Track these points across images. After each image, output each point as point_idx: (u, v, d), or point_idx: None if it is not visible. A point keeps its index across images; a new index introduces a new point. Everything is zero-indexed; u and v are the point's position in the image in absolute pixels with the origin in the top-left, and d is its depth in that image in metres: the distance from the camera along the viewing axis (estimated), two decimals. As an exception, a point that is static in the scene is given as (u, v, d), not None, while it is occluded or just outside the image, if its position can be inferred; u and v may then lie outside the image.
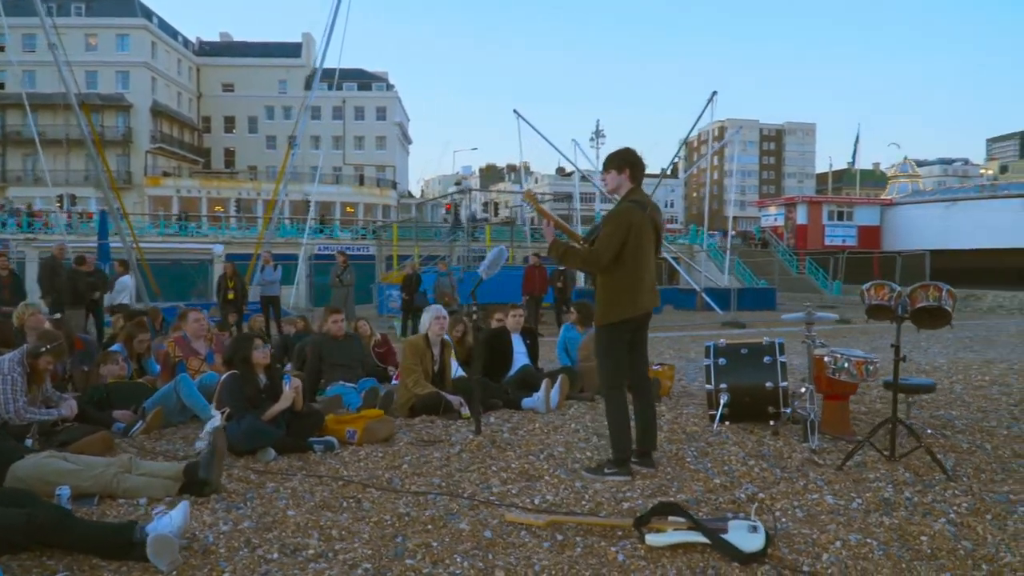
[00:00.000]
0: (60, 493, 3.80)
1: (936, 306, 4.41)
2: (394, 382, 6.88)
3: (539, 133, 27.69)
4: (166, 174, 57.05)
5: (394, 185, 66.67)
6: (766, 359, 5.46)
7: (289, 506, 3.98)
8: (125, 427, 5.43)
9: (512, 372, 7.12)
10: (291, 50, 67.84)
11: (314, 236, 37.06)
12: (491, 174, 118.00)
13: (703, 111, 26.35)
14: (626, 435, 4.45)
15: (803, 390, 5.16)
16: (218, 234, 40.73)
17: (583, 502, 4.03)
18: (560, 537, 3.57)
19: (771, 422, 5.45)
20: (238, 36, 78.22)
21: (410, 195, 78.16)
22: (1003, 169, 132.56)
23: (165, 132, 58.70)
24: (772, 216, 49.64)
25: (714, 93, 25.91)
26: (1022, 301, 30.36)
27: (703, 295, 25.28)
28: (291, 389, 5.00)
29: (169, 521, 3.30)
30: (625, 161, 4.54)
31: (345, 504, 4.04)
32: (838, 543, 3.46)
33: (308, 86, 64.16)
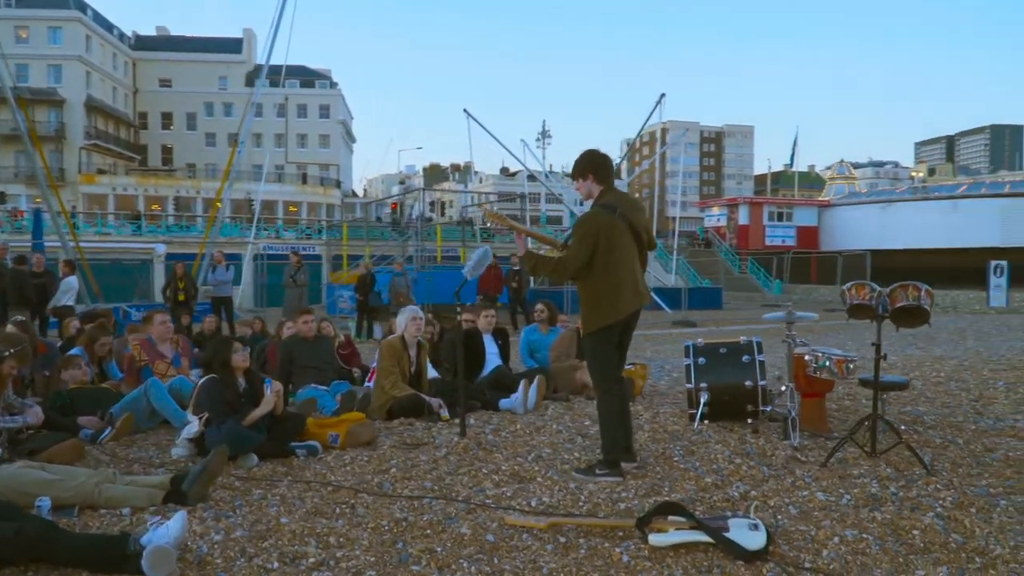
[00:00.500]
0: (40, 505, 3.63)
1: (916, 305, 4.54)
2: (367, 384, 6.77)
3: (489, 133, 27.65)
4: (101, 171, 55.26)
5: (338, 184, 65.86)
6: (744, 358, 5.53)
7: (281, 513, 3.87)
8: (93, 434, 5.22)
9: (485, 373, 7.08)
10: (231, 45, 66.42)
11: (259, 235, 36.42)
12: (435, 173, 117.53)
13: (652, 112, 26.78)
14: (618, 437, 4.45)
15: (783, 388, 5.25)
16: (157, 233, 39.64)
17: (580, 503, 4.03)
18: (563, 539, 3.55)
19: (748, 420, 5.53)
20: (176, 30, 76.35)
21: (354, 194, 77.31)
22: (931, 172, 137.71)
23: (100, 128, 56.84)
24: (715, 217, 50.60)
25: (662, 95, 26.29)
26: (954, 299, 31.53)
27: (652, 295, 25.56)
28: (272, 393, 4.87)
29: (166, 532, 3.17)
30: (589, 164, 4.49)
31: (339, 510, 3.95)
32: (836, 539, 3.53)
33: (249, 82, 63.12)
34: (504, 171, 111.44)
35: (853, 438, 4.70)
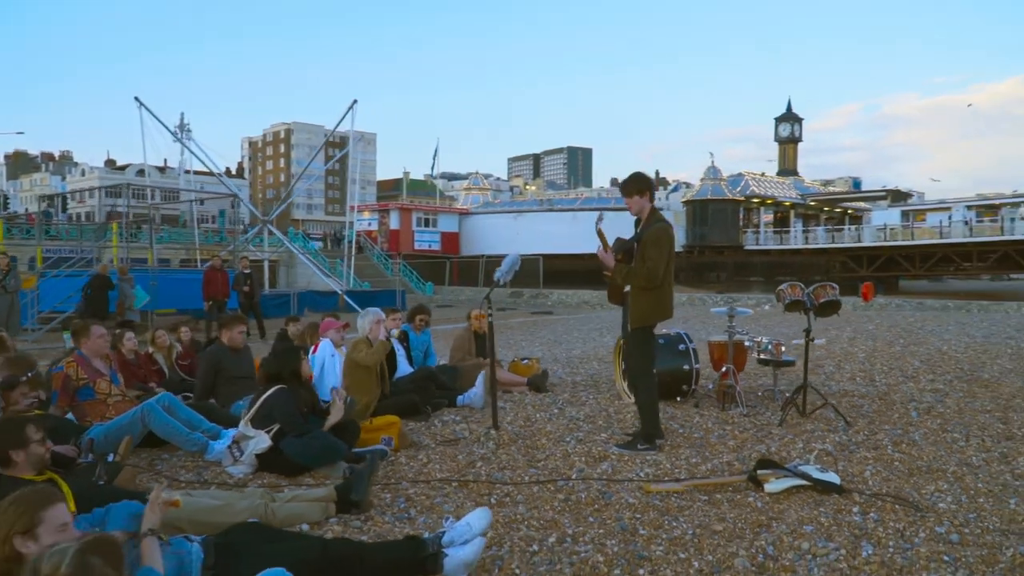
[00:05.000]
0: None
1: (834, 299, 6.07)
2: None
3: (162, 124, 25.46)
4: None
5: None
6: (680, 347, 6.67)
7: (458, 511, 4.02)
8: (93, 461, 4.53)
9: (399, 375, 7.26)
10: None
11: None
12: (22, 162, 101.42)
13: (343, 117, 27.13)
14: (657, 416, 5.27)
15: (724, 368, 6.49)
16: None
17: (674, 471, 4.79)
18: (704, 497, 4.32)
19: (678, 398, 6.68)
20: None
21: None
22: (525, 185, 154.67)
23: None
24: (366, 221, 51.87)
25: (354, 101, 26.74)
26: (581, 297, 36.82)
27: (345, 297, 25.87)
28: (341, 400, 4.77)
29: (468, 528, 3.29)
30: (646, 185, 5.32)
31: (495, 500, 4.21)
32: (866, 472, 4.79)
33: None
34: (110, 163, 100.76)
35: (794, 402, 6.10)
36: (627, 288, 5.29)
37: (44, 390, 4.62)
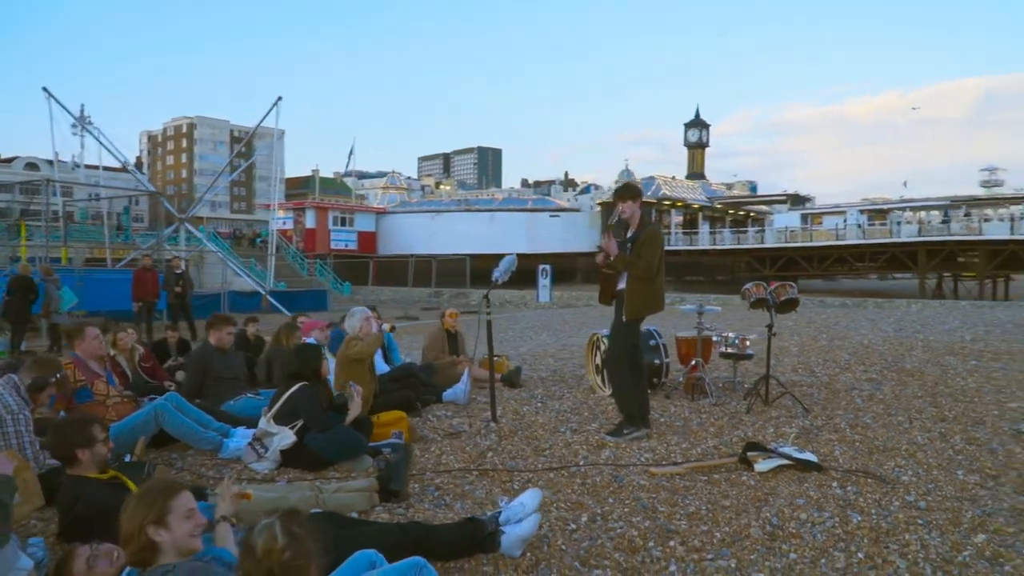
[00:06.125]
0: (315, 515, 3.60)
1: (793, 297, 6.63)
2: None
3: (71, 114, 24.51)
4: None
5: None
6: (651, 342, 7.12)
7: (488, 496, 4.31)
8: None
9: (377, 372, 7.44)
10: None
11: None
12: None
13: (267, 113, 26.74)
14: (631, 399, 5.68)
15: (693, 362, 6.96)
16: None
17: (671, 455, 5.21)
18: (704, 478, 4.76)
19: (648, 390, 7.12)
20: None
21: None
22: (437, 184, 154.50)
23: None
24: (281, 220, 50.89)
25: (279, 98, 26.39)
26: (501, 297, 37.33)
27: (269, 297, 25.55)
28: (360, 396, 4.97)
29: (522, 507, 3.59)
30: (638, 193, 5.81)
31: (517, 486, 4.52)
32: (836, 451, 5.34)
33: None
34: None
35: (758, 391, 6.63)
36: (620, 286, 5.72)
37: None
